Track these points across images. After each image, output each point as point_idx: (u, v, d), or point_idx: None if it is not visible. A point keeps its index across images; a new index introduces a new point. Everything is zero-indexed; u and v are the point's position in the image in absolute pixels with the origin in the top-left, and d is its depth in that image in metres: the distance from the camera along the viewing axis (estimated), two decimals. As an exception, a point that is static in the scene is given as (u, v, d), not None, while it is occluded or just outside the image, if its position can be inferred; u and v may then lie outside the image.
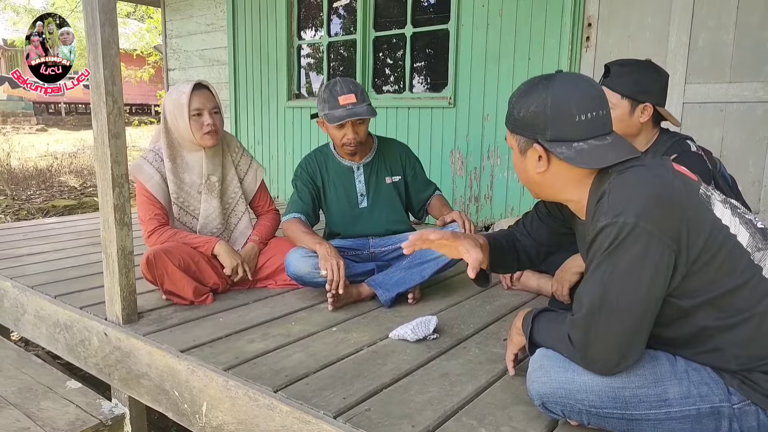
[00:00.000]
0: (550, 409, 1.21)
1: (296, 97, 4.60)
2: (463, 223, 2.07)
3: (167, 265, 2.03)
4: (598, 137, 1.14)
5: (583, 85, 1.16)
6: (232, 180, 2.36)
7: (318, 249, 2.03)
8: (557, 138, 1.14)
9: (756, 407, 1.05)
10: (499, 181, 3.48)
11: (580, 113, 1.12)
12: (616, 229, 1.03)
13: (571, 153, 1.12)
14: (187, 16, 5.28)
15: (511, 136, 1.25)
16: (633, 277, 1.03)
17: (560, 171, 1.18)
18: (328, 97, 2.15)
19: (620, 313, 1.05)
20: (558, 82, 1.15)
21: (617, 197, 1.05)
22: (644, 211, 1.01)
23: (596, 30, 3.10)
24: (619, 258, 1.03)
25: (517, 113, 1.20)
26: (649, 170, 1.08)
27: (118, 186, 1.81)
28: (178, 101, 2.14)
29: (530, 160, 1.21)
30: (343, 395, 1.41)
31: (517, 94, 1.21)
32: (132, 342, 1.79)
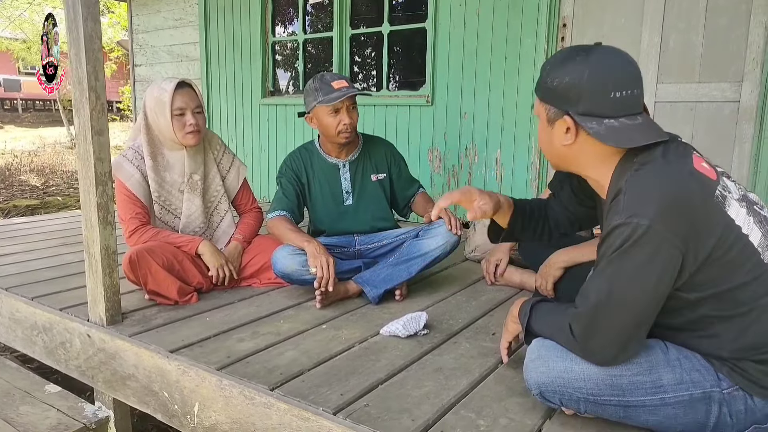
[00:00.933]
0: (547, 398, 1.24)
1: (271, 94, 4.55)
2: (449, 219, 2.09)
3: (150, 265, 2.00)
4: (629, 116, 1.12)
5: (622, 61, 1.13)
6: (214, 178, 2.33)
7: (306, 247, 2.02)
8: (589, 112, 1.12)
9: (743, 392, 1.10)
10: (477, 179, 3.52)
11: (616, 90, 1.10)
12: (629, 230, 1.03)
13: (602, 129, 1.11)
14: (154, 11, 5.16)
15: (539, 104, 1.22)
16: (641, 278, 1.05)
17: (586, 146, 1.17)
18: (320, 86, 2.14)
19: (624, 310, 1.07)
20: (597, 55, 1.12)
21: (633, 197, 1.06)
22: (658, 214, 1.02)
23: (571, 30, 3.17)
24: (629, 259, 1.05)
25: (550, 82, 1.16)
26: (668, 170, 1.07)
27: (101, 184, 1.77)
28: (160, 99, 2.10)
29: (557, 132, 1.19)
30: (340, 392, 1.41)
31: (552, 62, 1.18)
32: (117, 343, 1.75)
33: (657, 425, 1.17)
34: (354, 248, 2.31)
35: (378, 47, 3.97)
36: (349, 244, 2.31)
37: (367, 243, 2.30)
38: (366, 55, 4.38)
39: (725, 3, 2.73)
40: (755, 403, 1.09)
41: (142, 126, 2.17)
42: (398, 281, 2.09)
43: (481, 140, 3.47)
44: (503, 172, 3.41)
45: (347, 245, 2.30)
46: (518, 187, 3.35)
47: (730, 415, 1.11)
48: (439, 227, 2.10)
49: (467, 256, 2.76)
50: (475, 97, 3.45)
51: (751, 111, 2.72)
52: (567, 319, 1.17)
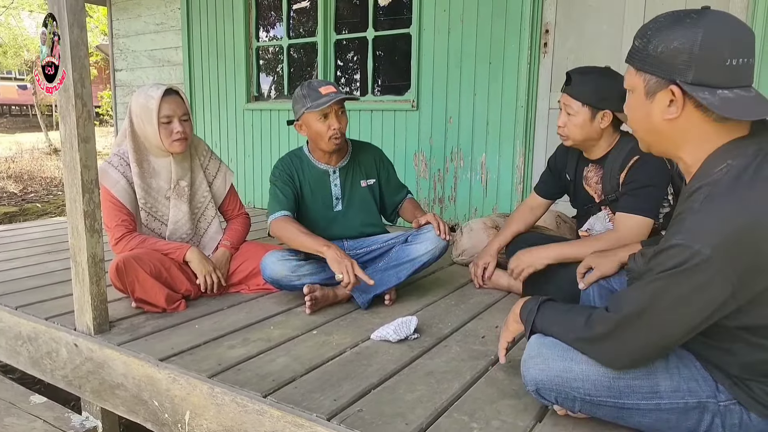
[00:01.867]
0: (543, 396, 1.24)
1: (255, 99, 4.54)
2: (438, 224, 2.11)
3: (138, 272, 1.98)
4: (743, 87, 1.01)
5: (739, 26, 1.02)
6: (201, 184, 2.32)
7: (326, 252, 1.96)
8: (701, 81, 1.00)
9: (741, 407, 1.10)
10: (463, 183, 3.55)
11: (732, 57, 0.99)
12: (687, 254, 0.96)
13: (716, 100, 0.99)
14: (135, 15, 5.12)
15: (635, 74, 1.09)
16: (682, 306, 1.00)
17: (690, 122, 1.05)
18: (308, 92, 2.13)
19: (655, 331, 1.05)
20: (710, 17, 1.01)
21: (701, 219, 0.98)
22: (721, 247, 0.94)
23: (554, 36, 3.22)
24: (679, 283, 0.99)
25: (653, 48, 1.04)
26: (750, 192, 0.97)
27: (87, 192, 1.75)
28: (147, 106, 2.08)
29: (659, 104, 1.06)
30: (333, 397, 1.41)
31: (653, 27, 1.06)
32: (106, 352, 1.73)
33: (648, 427, 1.18)
34: (343, 253, 2.31)
35: (362, 52, 3.99)
36: (338, 250, 2.31)
37: (356, 248, 2.30)
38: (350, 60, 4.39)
39: (703, 9, 2.79)
40: (751, 419, 1.10)
41: (127, 132, 2.15)
42: (387, 286, 2.10)
43: (466, 145, 3.50)
44: (488, 176, 3.44)
45: (336, 250, 2.30)
46: (503, 191, 3.38)
47: (723, 426, 1.12)
48: (428, 232, 2.12)
49: (454, 259, 2.78)
50: (459, 101, 3.48)
51: (728, 115, 2.79)
52: (583, 317, 1.15)
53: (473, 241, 2.68)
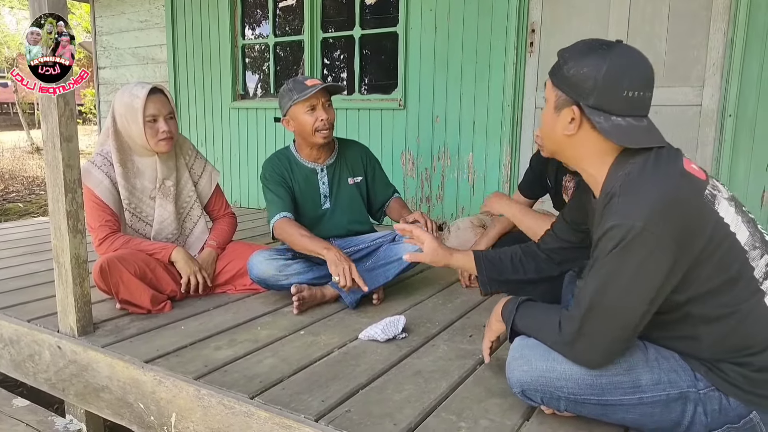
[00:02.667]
0: (529, 397, 1.26)
1: (241, 97, 4.51)
2: (426, 222, 2.11)
3: (122, 273, 1.95)
4: (636, 117, 1.13)
5: (641, 62, 1.14)
6: (186, 183, 2.29)
7: (326, 254, 1.97)
8: (599, 106, 1.13)
9: (719, 393, 1.13)
10: (450, 182, 3.56)
11: (630, 89, 1.11)
12: (623, 231, 1.04)
13: (608, 125, 1.12)
14: (118, 12, 5.06)
15: (552, 88, 1.21)
16: (636, 281, 1.05)
17: (587, 139, 1.17)
18: (293, 86, 2.14)
19: (617, 314, 1.08)
20: (618, 51, 1.13)
21: (627, 201, 1.07)
22: (652, 216, 1.03)
23: (539, 36, 3.23)
24: (623, 261, 1.05)
25: (567, 69, 1.16)
26: (659, 173, 1.09)
27: (70, 192, 1.72)
28: (131, 105, 2.05)
29: (562, 119, 1.19)
30: (321, 398, 1.41)
31: (572, 50, 1.18)
32: (90, 354, 1.71)
33: (633, 423, 1.20)
34: (330, 253, 2.30)
35: (349, 51, 3.97)
36: (326, 249, 2.30)
37: (344, 247, 2.29)
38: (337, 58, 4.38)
39: (686, 10, 2.82)
40: (730, 403, 1.12)
41: (110, 132, 2.12)
42: (375, 285, 2.10)
43: (453, 144, 3.51)
44: (475, 175, 3.45)
45: (323, 250, 2.29)
46: (490, 190, 3.39)
47: (705, 414, 1.14)
48: (416, 231, 2.11)
49: (442, 258, 2.78)
50: (446, 100, 3.49)
51: (712, 114, 2.83)
52: (556, 319, 1.18)
53: (460, 239, 2.68)
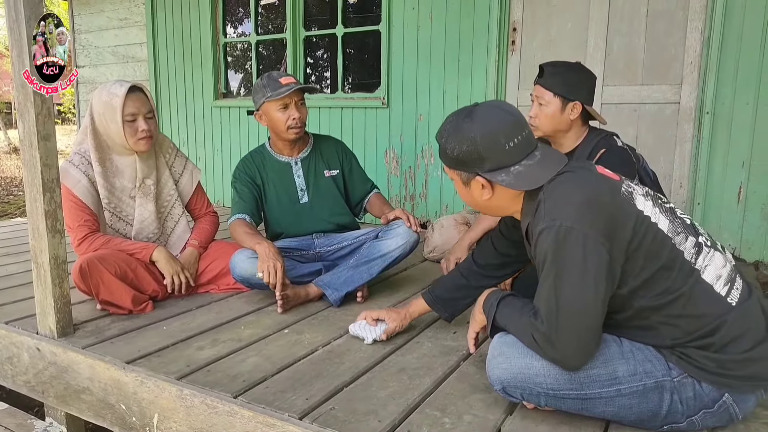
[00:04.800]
0: (509, 393, 1.28)
1: (223, 96, 4.47)
2: (407, 218, 2.12)
3: (102, 274, 1.93)
4: (528, 156, 1.24)
5: (502, 114, 1.24)
6: (167, 182, 2.27)
7: (257, 249, 1.99)
8: (495, 167, 1.23)
9: (692, 379, 1.16)
10: (434, 180, 3.57)
11: (508, 141, 1.21)
12: (553, 232, 1.13)
13: (511, 179, 1.22)
14: (97, 10, 4.99)
15: (450, 171, 1.33)
16: (579, 277, 1.11)
17: (504, 193, 1.28)
18: (267, 82, 2.15)
19: (575, 314, 1.13)
20: (479, 117, 1.23)
21: (552, 204, 1.16)
22: (577, 215, 1.12)
23: (521, 34, 3.26)
24: (562, 262, 1.12)
25: (450, 152, 1.27)
26: (577, 177, 1.20)
27: (48, 191, 1.69)
28: (110, 104, 2.02)
29: (475, 190, 1.29)
30: (305, 396, 1.41)
31: (444, 135, 1.28)
32: (70, 356, 1.68)
33: (613, 415, 1.22)
34: (314, 251, 2.30)
35: (332, 49, 3.97)
36: (309, 247, 2.30)
37: (327, 245, 2.29)
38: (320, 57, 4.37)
39: (664, 9, 2.87)
40: (703, 388, 1.16)
41: (88, 131, 2.08)
42: (359, 283, 2.10)
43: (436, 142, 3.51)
44: (458, 173, 3.46)
45: (307, 248, 2.29)
46: (473, 188, 3.41)
47: (681, 401, 1.17)
48: (398, 228, 2.12)
49: (426, 256, 2.79)
50: (429, 99, 3.49)
51: (690, 112, 2.87)
52: (529, 329, 1.21)
53: (444, 237, 2.69)
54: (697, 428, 1.21)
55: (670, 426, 1.21)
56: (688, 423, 1.19)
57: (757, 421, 1.30)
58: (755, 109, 2.68)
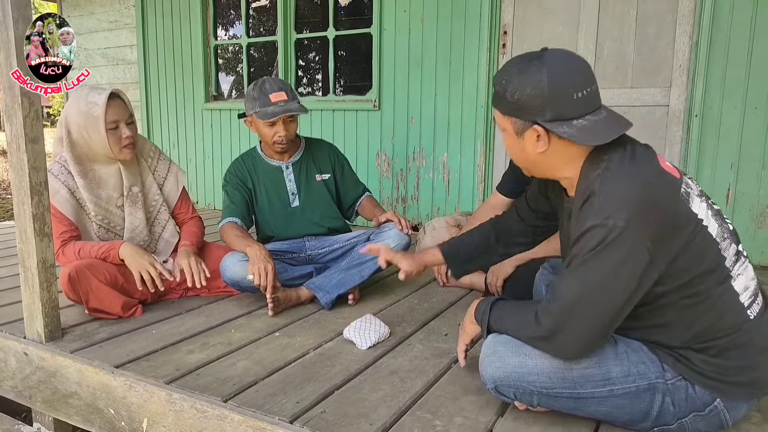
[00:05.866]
0: (502, 393, 1.27)
1: (214, 99, 4.46)
2: (399, 221, 2.12)
3: (91, 282, 1.89)
4: (593, 112, 1.14)
5: (575, 61, 1.16)
6: (151, 187, 2.20)
7: (248, 251, 1.99)
8: (557, 118, 1.13)
9: (686, 382, 1.16)
10: (425, 182, 3.57)
11: (577, 91, 1.12)
12: (604, 231, 1.06)
13: (573, 131, 1.12)
14: (87, 12, 4.96)
15: (503, 118, 1.22)
16: (615, 279, 1.07)
17: (559, 149, 1.18)
18: (258, 95, 2.13)
19: (595, 311, 1.10)
20: (550, 60, 1.13)
21: (607, 199, 1.08)
22: (631, 216, 1.05)
23: (511, 37, 3.27)
24: (603, 260, 1.07)
25: (510, 96, 1.17)
26: (638, 171, 1.11)
27: (36, 194, 1.68)
28: (90, 114, 1.95)
29: (529, 141, 1.19)
30: (296, 399, 1.40)
31: (506, 76, 1.18)
32: (58, 360, 1.66)
33: (605, 415, 1.22)
34: (305, 253, 2.29)
35: (323, 52, 3.96)
36: (300, 250, 2.29)
37: (318, 248, 2.29)
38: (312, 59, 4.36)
39: (653, 13, 2.89)
40: (696, 392, 1.16)
41: (65, 144, 2.00)
42: (351, 285, 2.09)
43: (428, 144, 3.52)
44: (450, 176, 3.47)
45: (298, 251, 2.29)
46: (465, 190, 3.42)
47: (673, 403, 1.17)
48: (390, 230, 2.12)
49: (417, 258, 2.78)
50: (421, 101, 3.50)
51: (679, 115, 2.90)
52: (532, 314, 1.18)
53: (436, 239, 2.68)
54: (687, 430, 1.21)
55: (661, 428, 1.21)
56: (678, 425, 1.19)
57: (747, 422, 1.30)
58: (743, 112, 2.70)
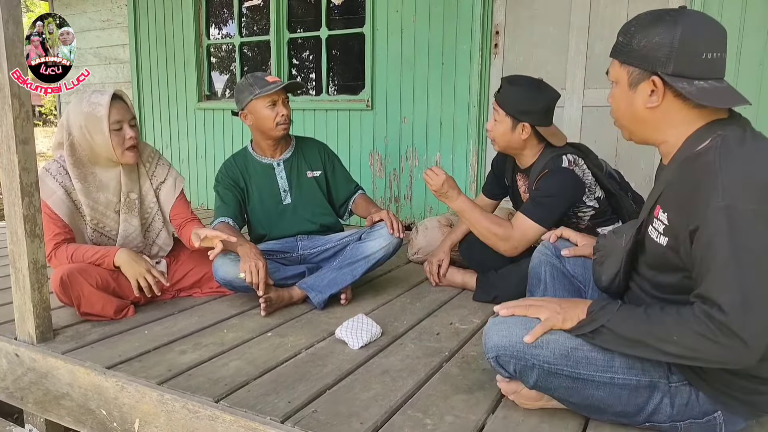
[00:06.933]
0: (502, 365, 1.25)
1: (207, 98, 4.45)
2: (391, 222, 2.12)
3: (83, 286, 1.88)
4: (717, 79, 1.11)
5: (713, 23, 1.12)
6: (148, 193, 2.17)
7: (239, 250, 1.99)
8: (680, 73, 1.09)
9: (691, 388, 1.16)
10: (418, 182, 3.58)
11: (707, 51, 1.08)
12: (736, 214, 0.98)
13: (693, 89, 1.08)
14: (79, 11, 4.94)
15: (620, 67, 1.18)
16: (761, 260, 0.98)
17: (670, 109, 1.14)
18: (254, 81, 2.16)
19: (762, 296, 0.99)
20: (688, 16, 1.10)
21: (731, 180, 1.01)
22: (761, 196, 0.99)
23: (503, 38, 3.28)
24: (750, 248, 0.98)
25: (636, 43, 1.12)
26: (762, 152, 1.06)
27: (27, 195, 1.67)
28: (93, 114, 1.94)
29: (641, 94, 1.15)
30: (287, 399, 1.40)
31: (635, 23, 1.15)
32: (49, 361, 1.66)
33: (600, 401, 1.21)
34: (297, 253, 2.29)
35: (317, 51, 3.96)
36: (293, 249, 2.29)
37: (311, 248, 2.29)
38: (305, 59, 4.36)
39: (644, 13, 2.90)
40: (698, 399, 1.16)
41: (66, 147, 1.99)
42: (343, 285, 2.10)
43: (420, 144, 3.53)
44: (443, 175, 3.47)
45: (290, 250, 2.29)
46: (457, 190, 3.42)
47: (671, 405, 1.17)
48: (382, 229, 2.13)
49: (410, 258, 2.80)
50: (413, 101, 3.51)
51: (669, 114, 2.91)
52: (691, 318, 1.04)
53: (428, 239, 2.70)
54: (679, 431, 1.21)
55: (652, 424, 1.21)
56: (671, 426, 1.20)
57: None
58: (732, 112, 2.72)
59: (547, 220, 1.94)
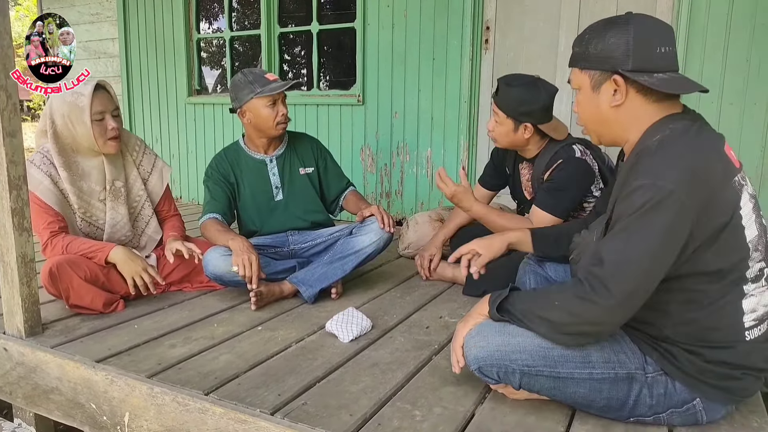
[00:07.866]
0: (485, 374, 1.28)
1: (197, 93, 4.43)
2: (381, 217, 2.13)
3: (72, 279, 1.88)
4: (673, 71, 1.16)
5: (660, 21, 1.19)
6: (135, 182, 2.19)
7: (231, 244, 1.99)
8: (639, 68, 1.14)
9: (667, 377, 1.19)
10: (409, 177, 3.59)
11: (661, 45, 1.14)
12: (651, 192, 1.05)
13: (655, 81, 1.13)
14: (68, 4, 4.89)
15: (581, 74, 1.23)
16: (660, 242, 1.05)
17: (634, 105, 1.19)
18: (254, 79, 2.14)
19: (642, 271, 1.07)
20: (636, 17, 1.17)
21: (659, 162, 1.08)
22: (681, 179, 1.04)
23: (494, 33, 3.29)
24: (649, 222, 1.05)
25: (593, 48, 1.19)
26: (699, 143, 1.11)
27: (15, 188, 1.67)
28: (76, 104, 1.95)
29: (605, 94, 1.20)
30: (277, 392, 1.41)
31: (589, 32, 1.21)
32: (38, 356, 1.66)
33: (583, 398, 1.24)
34: (288, 248, 2.30)
35: (308, 46, 3.95)
36: (283, 244, 2.30)
37: (301, 242, 2.29)
38: (296, 53, 4.35)
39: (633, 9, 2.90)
40: (676, 388, 1.19)
41: (49, 135, 2.00)
42: (333, 279, 2.11)
43: (411, 139, 3.54)
44: (434, 171, 3.49)
45: (281, 245, 2.29)
46: (448, 185, 3.43)
47: (651, 396, 1.20)
48: (372, 224, 2.13)
49: (401, 252, 2.81)
50: (405, 96, 3.51)
51: (657, 110, 2.94)
52: (565, 285, 1.17)
53: (419, 234, 2.71)
54: (663, 424, 1.24)
55: (636, 418, 1.24)
56: (654, 419, 1.23)
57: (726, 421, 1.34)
58: (719, 107, 2.75)
59: (563, 212, 2.00)
